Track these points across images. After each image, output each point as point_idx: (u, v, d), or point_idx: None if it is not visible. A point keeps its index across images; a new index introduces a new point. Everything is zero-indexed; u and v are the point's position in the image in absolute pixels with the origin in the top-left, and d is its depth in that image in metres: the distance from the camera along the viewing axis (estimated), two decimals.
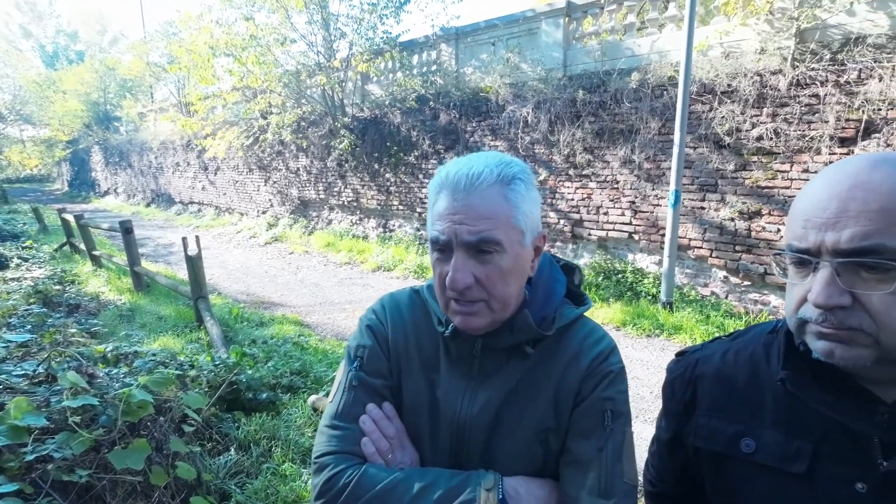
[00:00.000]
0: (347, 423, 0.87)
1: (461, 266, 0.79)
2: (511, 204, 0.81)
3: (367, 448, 0.86)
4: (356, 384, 0.90)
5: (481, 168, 0.80)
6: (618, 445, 0.84)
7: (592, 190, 6.79)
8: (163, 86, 21.01)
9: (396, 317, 0.96)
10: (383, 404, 0.90)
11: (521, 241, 0.83)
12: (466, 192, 0.79)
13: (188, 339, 4.97)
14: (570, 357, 0.88)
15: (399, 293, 1.00)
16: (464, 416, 0.87)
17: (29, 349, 2.41)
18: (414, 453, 0.89)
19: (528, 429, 0.85)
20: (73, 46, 37.08)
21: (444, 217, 0.80)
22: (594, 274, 6.66)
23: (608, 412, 0.84)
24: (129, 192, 22.05)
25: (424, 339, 0.93)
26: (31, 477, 1.40)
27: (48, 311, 4.49)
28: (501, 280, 0.81)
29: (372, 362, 0.92)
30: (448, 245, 0.80)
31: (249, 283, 8.12)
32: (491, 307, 0.82)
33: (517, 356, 0.88)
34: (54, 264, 8.41)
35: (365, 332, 0.95)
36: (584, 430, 0.84)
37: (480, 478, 0.82)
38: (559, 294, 0.93)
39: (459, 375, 0.89)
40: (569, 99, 6.77)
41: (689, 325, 5.24)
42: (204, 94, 12.77)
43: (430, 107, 8.74)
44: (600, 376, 0.86)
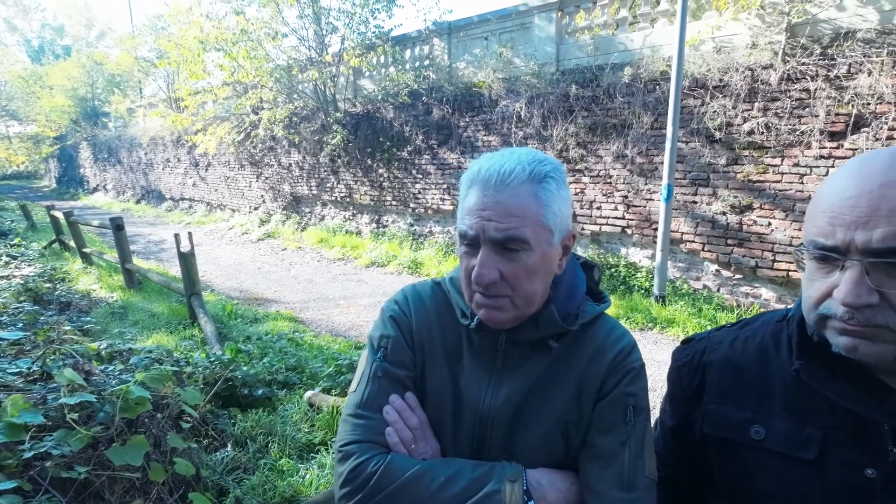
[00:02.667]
0: (372, 412, 0.88)
1: (487, 262, 0.80)
2: (541, 202, 0.81)
3: (391, 438, 0.86)
4: (380, 375, 0.90)
5: (513, 165, 0.81)
6: (639, 440, 0.85)
7: (585, 185, 6.82)
8: (152, 81, 20.79)
9: (420, 308, 0.96)
10: (406, 394, 0.91)
11: (550, 239, 0.83)
12: (497, 188, 0.80)
13: (182, 336, 4.94)
14: (593, 352, 0.89)
15: (421, 285, 1.01)
16: (486, 407, 0.88)
17: (22, 347, 2.39)
18: (436, 444, 0.89)
19: (549, 421, 0.87)
20: (60, 41, 36.51)
21: (473, 212, 0.81)
22: None
23: (630, 407, 0.86)
24: (118, 189, 21.82)
25: (448, 330, 0.94)
26: (30, 474, 1.39)
27: (40, 309, 4.45)
28: (527, 277, 0.81)
29: (396, 353, 0.92)
30: (476, 240, 0.81)
31: (242, 279, 8.08)
32: (515, 303, 0.83)
33: (541, 350, 0.89)
34: (44, 262, 8.32)
35: (388, 322, 0.96)
36: (607, 424, 0.86)
37: (505, 469, 0.83)
38: (581, 291, 0.94)
39: (483, 367, 0.90)
40: (562, 94, 6.78)
41: (681, 318, 5.29)
42: (194, 89, 12.63)
43: (423, 102, 8.71)
44: (623, 372, 0.87)
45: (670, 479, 1.06)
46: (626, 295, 6.03)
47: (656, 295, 5.70)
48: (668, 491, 1.08)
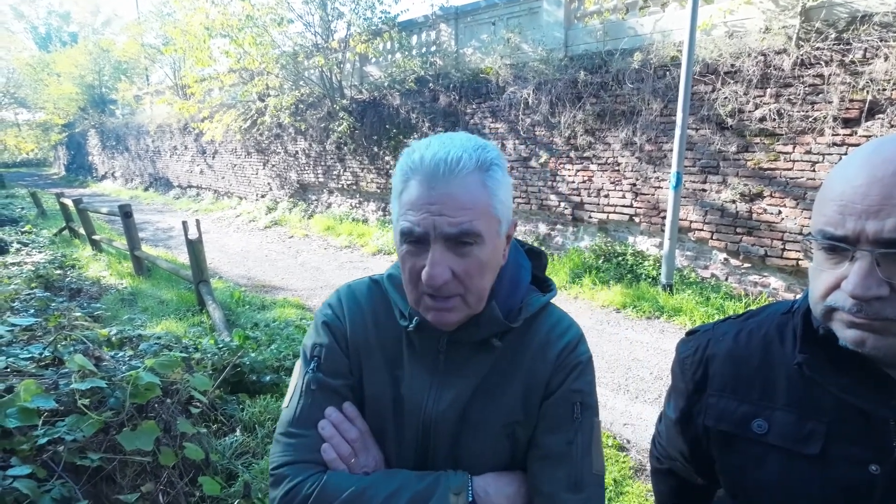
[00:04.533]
0: (306, 429, 0.82)
1: (439, 261, 0.73)
2: (489, 192, 0.75)
3: (327, 454, 0.81)
4: (314, 387, 0.84)
5: (459, 152, 0.74)
6: (587, 438, 0.83)
7: (593, 172, 6.76)
8: (158, 68, 20.75)
9: (355, 310, 0.90)
10: (344, 405, 0.85)
11: (499, 230, 0.79)
12: (445, 179, 0.72)
13: (190, 322, 4.99)
14: (538, 348, 0.85)
15: (357, 284, 0.95)
16: (430, 413, 0.83)
17: (34, 332, 2.42)
18: (378, 454, 0.85)
19: (495, 423, 0.83)
20: (66, 28, 36.47)
21: (420, 207, 0.73)
22: (595, 257, 6.67)
23: (577, 404, 0.83)
24: (126, 177, 21.93)
25: (386, 333, 0.88)
26: (43, 459, 1.42)
27: (51, 296, 4.50)
28: (479, 273, 0.77)
29: (330, 361, 0.86)
30: (424, 238, 0.74)
31: (250, 266, 8.13)
32: (467, 302, 0.78)
33: (484, 350, 0.85)
34: (54, 249, 8.41)
35: (321, 329, 0.89)
36: (553, 423, 0.83)
37: (449, 480, 0.79)
38: (525, 281, 0.90)
39: (424, 371, 0.85)
40: (570, 80, 6.70)
41: (688, 307, 5.27)
42: (200, 76, 12.62)
43: (430, 88, 8.64)
44: (569, 368, 0.84)
45: (674, 472, 1.06)
46: (634, 283, 6.01)
47: (664, 283, 5.67)
48: (672, 483, 1.09)
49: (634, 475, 2.93)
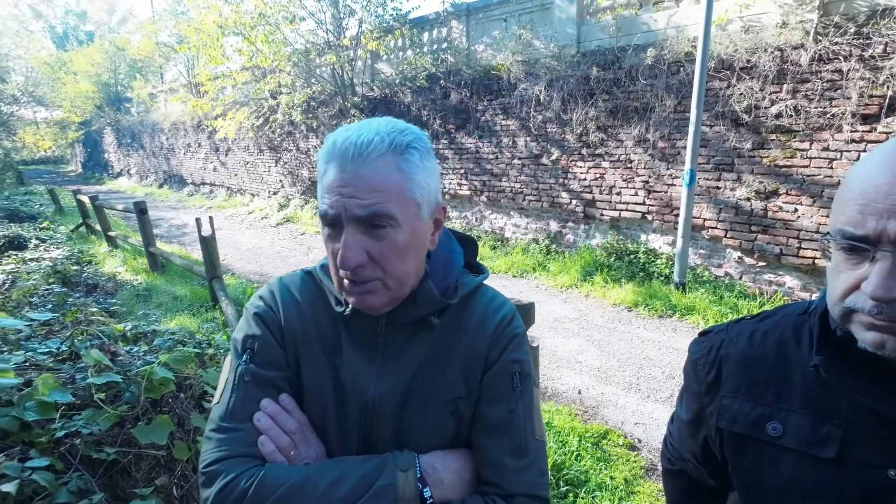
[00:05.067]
0: (240, 423, 0.78)
1: (352, 243, 0.73)
2: (405, 175, 0.75)
3: (265, 447, 0.77)
4: (248, 379, 0.81)
5: (371, 136, 0.74)
6: (528, 405, 0.85)
7: (605, 169, 6.71)
8: (172, 66, 20.99)
9: (289, 301, 0.88)
10: (281, 396, 0.82)
11: (418, 214, 0.78)
12: (355, 162, 0.73)
13: (204, 318, 5.05)
14: (476, 324, 0.86)
15: (289, 276, 0.93)
16: (372, 397, 0.82)
17: (52, 327, 2.46)
18: (319, 446, 0.82)
19: (438, 401, 0.83)
20: (83, 27, 36.99)
21: (333, 190, 0.74)
22: (606, 255, 6.62)
23: (516, 374, 0.85)
24: (141, 174, 22.22)
25: (322, 321, 0.86)
26: (60, 451, 1.45)
27: (68, 291, 4.58)
28: (397, 257, 0.76)
29: (264, 353, 0.83)
30: (337, 220, 0.74)
31: (262, 263, 8.20)
32: (387, 285, 0.77)
33: (423, 329, 0.85)
34: (71, 245, 8.54)
35: (253, 320, 0.86)
36: (495, 395, 0.84)
37: (395, 459, 0.79)
38: (458, 265, 0.91)
39: (364, 355, 0.84)
40: (582, 76, 6.64)
41: (702, 305, 5.22)
42: (213, 74, 12.73)
43: (441, 85, 8.63)
44: (506, 340, 0.86)
45: (685, 473, 1.05)
46: (646, 282, 5.96)
47: (676, 282, 5.62)
48: (683, 484, 1.08)
49: (646, 475, 2.91)
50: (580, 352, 4.52)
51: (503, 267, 7.14)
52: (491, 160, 8.12)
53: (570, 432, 3.18)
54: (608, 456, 3.03)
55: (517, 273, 6.99)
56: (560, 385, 3.96)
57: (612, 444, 3.17)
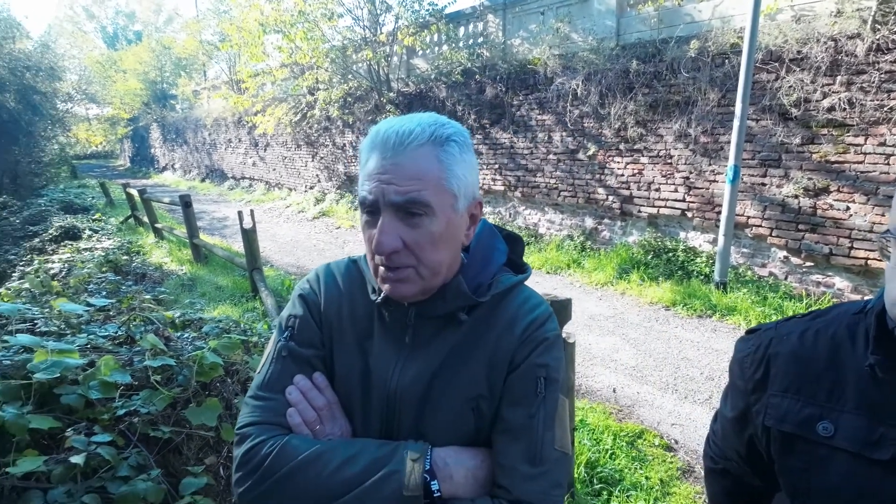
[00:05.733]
0: (273, 393, 0.84)
1: (387, 228, 0.76)
2: (443, 166, 0.77)
3: (293, 419, 0.82)
4: (285, 354, 0.87)
5: (413, 126, 0.77)
6: (549, 413, 0.82)
7: (644, 165, 6.56)
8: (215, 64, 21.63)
9: (331, 286, 0.93)
10: (314, 374, 0.87)
11: (454, 205, 0.79)
12: (395, 150, 0.76)
13: (245, 308, 5.23)
14: (505, 324, 0.85)
15: (336, 263, 0.98)
16: (395, 386, 0.84)
17: (108, 312, 2.60)
18: (345, 424, 0.86)
19: (459, 397, 0.83)
20: (132, 27, 38.53)
21: (373, 177, 0.76)
22: (643, 252, 6.49)
23: (541, 379, 0.83)
24: (185, 168, 23.04)
25: (359, 308, 0.90)
26: (120, 429, 1.54)
27: (121, 279, 4.82)
28: (431, 246, 0.78)
29: (303, 332, 0.89)
30: (375, 206, 0.77)
31: (299, 255, 8.40)
32: (420, 274, 0.79)
33: (451, 324, 0.85)
34: (121, 235, 8.97)
35: (297, 301, 0.92)
36: (516, 397, 0.83)
37: (408, 448, 0.80)
38: (497, 262, 0.91)
39: (392, 344, 0.86)
40: (621, 70, 6.51)
41: (743, 306, 5.05)
42: (254, 71, 13.06)
43: (476, 80, 8.61)
44: (535, 343, 0.84)
45: (729, 472, 1.04)
46: (684, 280, 5.81)
47: (717, 281, 5.46)
48: (726, 483, 1.06)
49: (682, 476, 2.86)
50: (615, 350, 4.46)
51: (537, 263, 7.09)
52: (526, 155, 8.06)
53: (604, 430, 3.16)
54: (643, 456, 2.99)
55: (551, 270, 6.93)
56: (594, 383, 3.92)
57: (647, 444, 3.13)
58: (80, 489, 1.32)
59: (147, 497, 1.37)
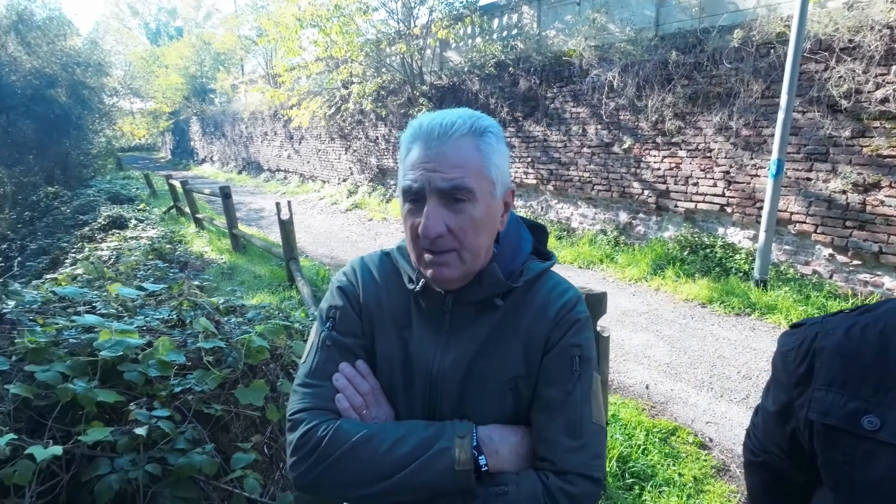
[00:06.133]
0: (321, 380, 0.89)
1: (433, 213, 0.80)
2: (483, 155, 0.82)
3: (341, 403, 0.87)
4: (329, 343, 0.91)
5: (454, 118, 0.82)
6: (586, 389, 0.87)
7: (682, 159, 6.41)
8: (252, 58, 22.12)
9: (368, 278, 0.97)
10: (357, 362, 0.92)
11: (493, 192, 0.84)
12: (440, 140, 0.80)
13: (282, 296, 5.39)
14: (538, 308, 0.90)
15: (370, 256, 1.02)
16: (436, 370, 0.88)
17: (159, 297, 2.74)
18: (389, 409, 0.91)
19: (498, 378, 0.88)
20: (173, 23, 39.74)
21: (417, 166, 0.81)
22: (679, 248, 6.36)
23: (576, 358, 0.87)
24: (223, 161, 23.71)
25: (396, 298, 0.94)
26: (176, 405, 1.64)
27: (168, 266, 5.04)
28: (473, 230, 0.82)
29: (344, 322, 0.93)
30: (421, 193, 0.81)
31: (333, 247, 8.57)
32: (462, 258, 0.83)
33: (487, 309, 0.90)
34: (164, 225, 9.34)
35: (336, 293, 0.97)
36: (553, 376, 0.87)
37: (455, 427, 0.84)
38: (525, 251, 0.95)
39: (431, 331, 0.90)
40: (660, 61, 6.36)
41: (784, 304, 4.90)
42: (290, 65, 13.30)
43: (510, 73, 8.56)
44: (568, 325, 0.89)
45: (769, 465, 1.04)
46: (722, 277, 5.67)
47: (756, 279, 5.31)
48: (766, 477, 1.07)
49: (717, 475, 2.83)
50: (648, 346, 4.41)
51: (569, 257, 7.04)
52: (559, 148, 7.98)
53: (636, 426, 3.14)
54: (676, 452, 2.96)
55: (583, 264, 6.87)
56: (627, 379, 3.89)
57: (681, 441, 3.10)
58: (142, 459, 1.42)
59: (202, 469, 1.46)
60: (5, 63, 13.76)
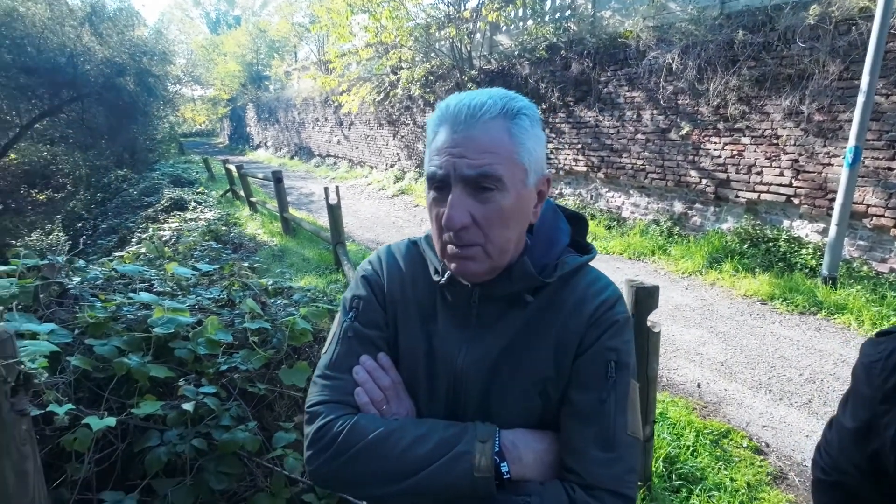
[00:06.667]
0: (340, 373, 0.86)
1: (458, 203, 0.74)
2: (515, 139, 0.75)
3: (360, 398, 0.84)
4: (351, 335, 0.88)
5: (484, 99, 0.75)
6: (621, 397, 0.79)
7: (745, 146, 6.03)
8: (305, 45, 22.56)
9: (393, 267, 0.92)
10: (378, 355, 0.88)
11: (524, 180, 0.77)
12: (467, 123, 0.74)
13: (328, 280, 5.51)
14: (573, 305, 0.83)
15: (396, 245, 0.97)
16: (460, 366, 0.84)
17: (212, 277, 2.85)
18: (410, 404, 0.87)
19: (525, 379, 0.82)
20: (232, 11, 41.09)
21: (443, 151, 0.75)
22: (738, 241, 6.01)
23: (612, 363, 0.80)
24: (276, 146, 24.45)
25: (421, 289, 0.89)
26: (222, 382, 1.69)
27: (222, 248, 5.25)
28: (500, 222, 0.76)
29: (367, 313, 0.89)
30: (445, 181, 0.75)
31: (379, 232, 8.68)
32: (488, 252, 0.77)
33: (517, 305, 0.83)
34: (220, 208, 9.73)
35: (360, 282, 0.92)
36: (585, 380, 0.80)
37: (476, 429, 0.79)
38: (562, 243, 0.88)
39: (457, 325, 0.85)
40: (724, 41, 5.97)
41: (856, 304, 4.54)
42: (341, 51, 13.45)
43: (562, 56, 8.29)
44: (605, 325, 0.81)
45: (842, 485, 0.94)
46: (786, 273, 5.32)
47: (825, 276, 4.95)
48: (838, 497, 0.97)
49: (773, 482, 2.67)
50: (701, 343, 4.20)
51: (618, 248, 6.81)
52: (611, 134, 7.69)
53: (686, 426, 3.00)
54: (729, 456, 2.82)
55: (633, 255, 6.63)
56: (677, 376, 3.73)
57: (734, 444, 2.94)
58: (190, 433, 1.47)
59: (245, 446, 1.50)
60: (80, 53, 14.64)
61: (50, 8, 14.43)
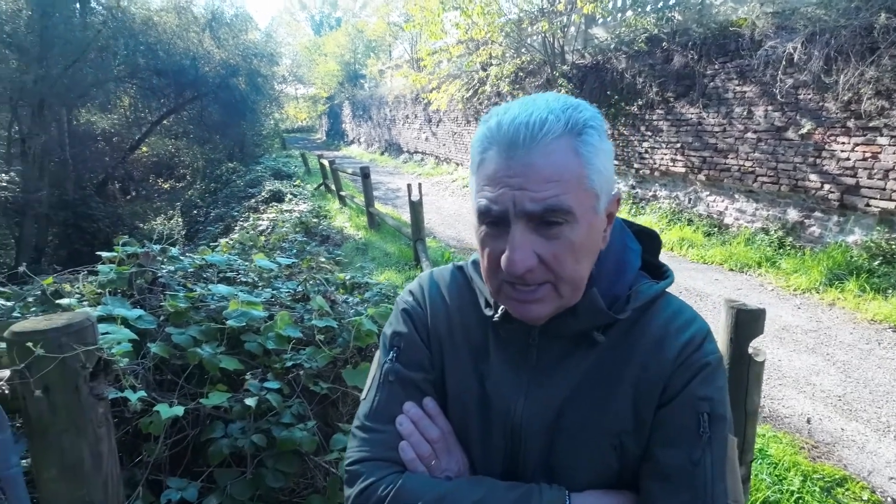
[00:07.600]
0: (382, 424, 0.76)
1: (521, 243, 0.62)
2: (583, 160, 0.62)
3: (405, 454, 0.74)
4: (392, 379, 0.78)
5: (545, 114, 0.61)
6: (718, 458, 0.67)
7: (881, 147, 5.21)
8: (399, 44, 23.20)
9: (437, 298, 0.82)
10: (425, 401, 0.77)
11: (595, 207, 0.65)
12: (527, 147, 0.61)
13: (406, 276, 5.57)
14: (653, 344, 0.70)
15: (440, 270, 0.86)
16: (519, 416, 0.72)
17: (293, 270, 2.95)
18: (462, 458, 0.76)
19: (598, 432, 0.70)
20: (334, 13, 43.33)
21: (497, 181, 0.62)
22: (867, 256, 5.23)
23: (704, 415, 0.67)
24: (368, 142, 25.40)
25: (471, 323, 0.78)
26: (287, 379, 1.71)
27: (308, 240, 5.50)
28: (572, 258, 0.64)
29: (410, 352, 0.79)
30: (503, 217, 0.62)
31: (460, 229, 8.66)
32: (559, 291, 0.65)
33: (584, 344, 0.71)
34: (313, 201, 10.27)
35: (401, 316, 0.82)
36: (673, 435, 0.68)
37: (543, 494, 0.68)
38: (633, 266, 0.75)
39: (513, 367, 0.74)
40: (861, 26, 5.19)
41: None
42: (432, 48, 13.62)
43: (663, 48, 7.71)
44: (694, 369, 0.68)
45: None
46: None
47: None
48: None
49: None
50: (814, 372, 3.69)
51: (718, 258, 6.22)
52: (716, 133, 7.03)
53: (790, 468, 2.63)
54: None
55: (735, 266, 6.01)
56: (782, 408, 3.30)
57: (850, 495, 2.53)
58: (251, 427, 1.49)
59: (302, 445, 1.50)
60: (201, 56, 16.18)
61: (178, 16, 16.09)
